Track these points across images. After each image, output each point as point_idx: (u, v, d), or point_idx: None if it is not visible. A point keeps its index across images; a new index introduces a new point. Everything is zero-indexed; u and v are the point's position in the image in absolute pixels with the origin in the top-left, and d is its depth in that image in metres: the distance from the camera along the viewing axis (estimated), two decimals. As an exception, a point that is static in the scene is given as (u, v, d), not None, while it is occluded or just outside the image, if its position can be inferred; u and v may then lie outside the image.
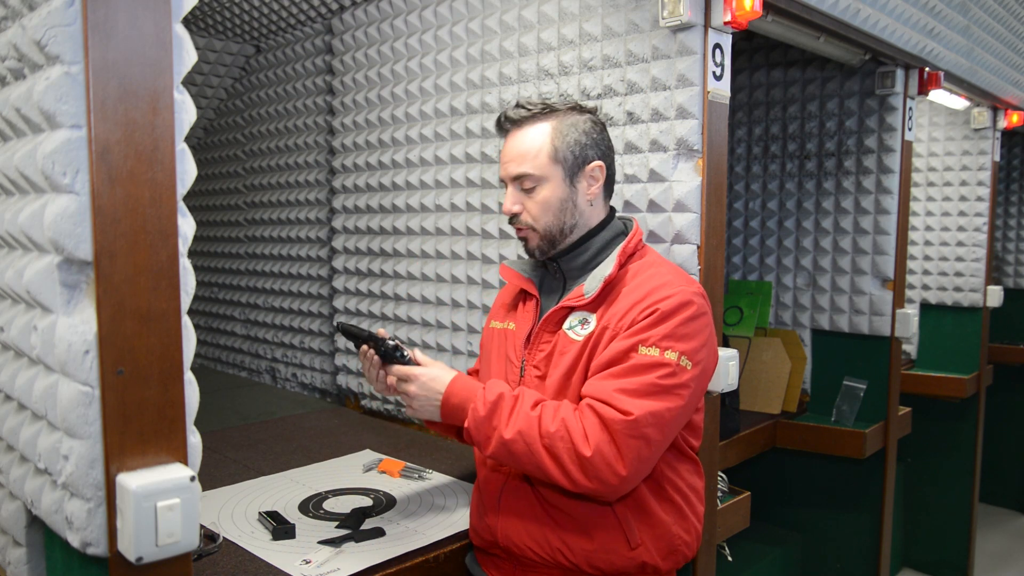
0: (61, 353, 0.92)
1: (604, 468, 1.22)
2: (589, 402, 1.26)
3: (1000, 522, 4.31)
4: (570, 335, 1.38)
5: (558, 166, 1.40)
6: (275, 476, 1.90)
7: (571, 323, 1.39)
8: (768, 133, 2.86)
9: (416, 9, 2.35)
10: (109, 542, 0.93)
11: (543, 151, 1.39)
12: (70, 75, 0.90)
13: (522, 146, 1.41)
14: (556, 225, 1.42)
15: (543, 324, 1.42)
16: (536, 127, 1.41)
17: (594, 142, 1.42)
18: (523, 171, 1.40)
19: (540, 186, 1.40)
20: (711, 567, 1.81)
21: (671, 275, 1.37)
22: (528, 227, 1.43)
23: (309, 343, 3.01)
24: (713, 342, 1.36)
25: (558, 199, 1.41)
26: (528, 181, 1.41)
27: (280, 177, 3.11)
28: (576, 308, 1.39)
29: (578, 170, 1.42)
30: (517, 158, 1.41)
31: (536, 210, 1.42)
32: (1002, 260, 4.49)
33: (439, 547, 1.50)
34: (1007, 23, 3.07)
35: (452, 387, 1.36)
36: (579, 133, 1.41)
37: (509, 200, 1.44)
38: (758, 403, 2.68)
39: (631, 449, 1.22)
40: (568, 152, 1.40)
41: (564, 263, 1.46)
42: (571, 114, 1.42)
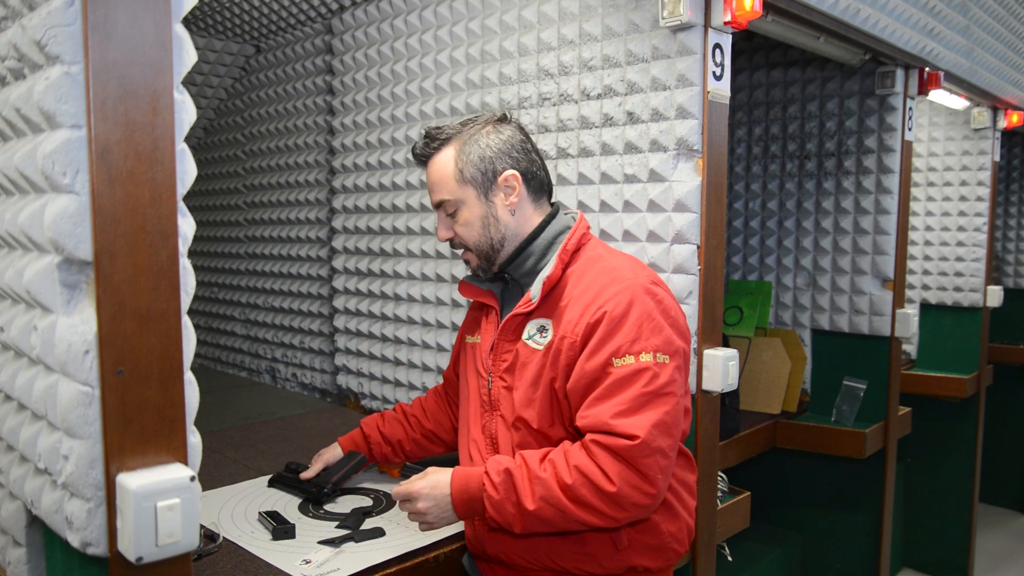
0: (61, 353, 0.92)
1: (635, 495, 1.22)
2: (593, 437, 1.25)
3: (1000, 522, 4.31)
4: (530, 344, 1.38)
5: (468, 186, 1.42)
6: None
7: (529, 332, 1.40)
8: (768, 133, 2.86)
9: (416, 9, 2.35)
10: (109, 542, 0.93)
11: (450, 176, 1.43)
12: (70, 75, 0.90)
13: (433, 175, 1.45)
14: (485, 242, 1.44)
15: (501, 334, 1.44)
16: (442, 154, 1.44)
17: (500, 152, 1.42)
18: (440, 198, 1.45)
19: (460, 209, 1.44)
20: (711, 567, 1.81)
21: (617, 269, 1.35)
22: (463, 248, 1.47)
23: (309, 343, 3.01)
24: (679, 322, 1.34)
25: (478, 217, 1.43)
26: (448, 207, 1.45)
27: (280, 177, 3.11)
28: (532, 315, 1.39)
29: (490, 184, 1.42)
30: (433, 187, 1.46)
31: (462, 232, 1.45)
32: (1002, 260, 4.49)
33: (439, 547, 1.50)
34: (1007, 23, 3.07)
35: (455, 485, 1.33)
36: (482, 148, 1.42)
37: (440, 228, 1.48)
38: (758, 403, 2.68)
39: (651, 467, 1.22)
40: (474, 170, 1.42)
41: (512, 272, 1.47)
42: (475, 130, 1.44)
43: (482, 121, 1.46)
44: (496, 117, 1.47)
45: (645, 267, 1.40)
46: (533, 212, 1.46)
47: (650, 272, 1.38)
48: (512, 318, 1.41)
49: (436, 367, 2.42)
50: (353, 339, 2.74)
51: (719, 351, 1.72)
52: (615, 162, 1.83)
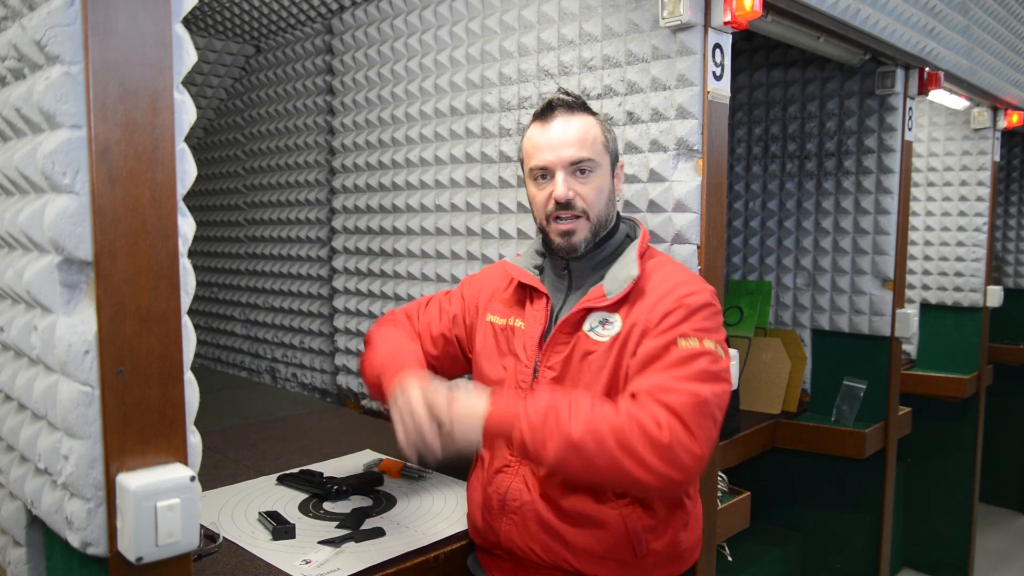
0: (61, 353, 0.92)
1: (682, 452, 1.18)
2: (649, 392, 1.23)
3: (1000, 522, 4.31)
4: (592, 336, 1.37)
5: (608, 156, 1.43)
6: (275, 476, 1.89)
7: (591, 324, 1.38)
8: (768, 133, 2.86)
9: (416, 9, 2.35)
10: (109, 542, 0.93)
11: (598, 139, 1.41)
12: (70, 75, 0.90)
13: (579, 132, 1.39)
14: (604, 215, 1.43)
15: (561, 326, 1.40)
16: (585, 117, 1.42)
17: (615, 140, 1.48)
18: (585, 155, 1.38)
19: (596, 173, 1.40)
20: (711, 567, 1.81)
21: (688, 274, 1.41)
22: (582, 214, 1.40)
23: (309, 343, 3.01)
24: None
25: (607, 190, 1.43)
26: (587, 165, 1.39)
27: (280, 177, 3.11)
28: (595, 309, 1.38)
29: (615, 165, 1.46)
30: (576, 142, 1.39)
31: (592, 196, 1.40)
32: (1002, 260, 4.49)
33: (439, 547, 1.50)
34: (1007, 23, 3.07)
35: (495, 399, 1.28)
36: (611, 130, 1.47)
37: (563, 186, 1.38)
38: (758, 403, 2.68)
39: (703, 429, 1.20)
40: (612, 145, 1.45)
41: (576, 263, 1.46)
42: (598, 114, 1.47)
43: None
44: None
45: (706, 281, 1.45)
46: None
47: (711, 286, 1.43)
48: (578, 312, 1.39)
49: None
50: (353, 339, 2.74)
51: (719, 351, 1.72)
52: (615, 162, 1.83)
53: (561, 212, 1.40)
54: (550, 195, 1.40)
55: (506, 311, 1.53)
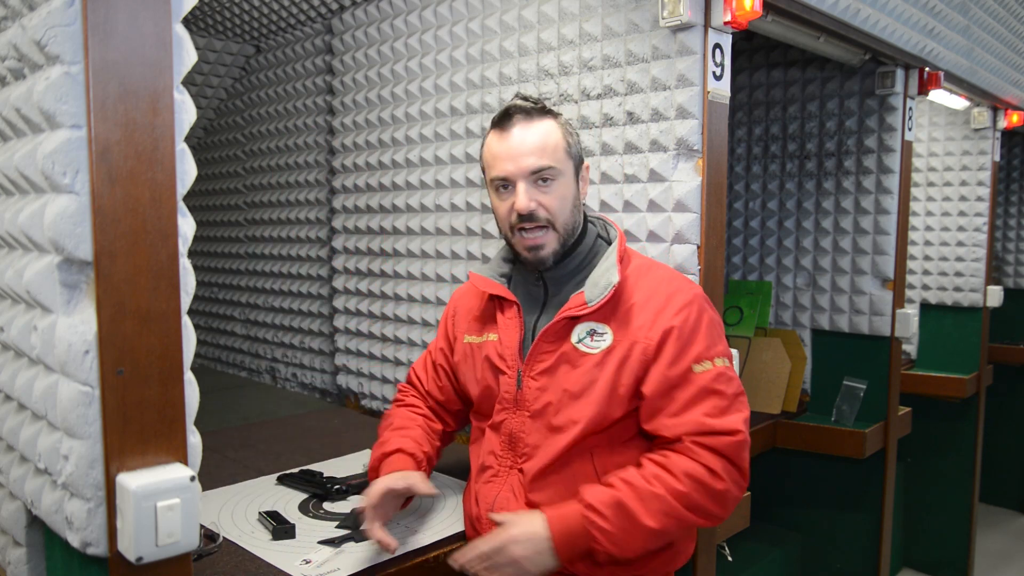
0: (61, 353, 0.92)
1: (735, 490, 1.26)
2: (694, 440, 1.26)
3: (1000, 522, 4.31)
4: (582, 348, 1.35)
5: (571, 162, 1.39)
6: (275, 476, 1.89)
7: (579, 335, 1.36)
8: (768, 133, 2.86)
9: (416, 9, 2.35)
10: (109, 542, 0.93)
11: (559, 145, 1.37)
12: (70, 75, 0.90)
13: (538, 139, 1.35)
14: (571, 222, 1.39)
15: (544, 335, 1.38)
16: (545, 122, 1.37)
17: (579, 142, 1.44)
18: (544, 163, 1.34)
19: (558, 180, 1.36)
20: (711, 567, 1.81)
21: (676, 278, 1.40)
22: (547, 225, 1.36)
23: (309, 343, 3.01)
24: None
25: (571, 196, 1.39)
26: (549, 173, 1.35)
27: (280, 177, 3.11)
28: (580, 319, 1.36)
29: (579, 169, 1.42)
30: (536, 151, 1.34)
31: (555, 205, 1.36)
32: (1002, 260, 4.49)
33: (439, 547, 1.50)
34: (1007, 23, 3.07)
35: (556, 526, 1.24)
36: (575, 132, 1.43)
37: (526, 197, 1.34)
38: (758, 403, 2.68)
39: (745, 461, 1.27)
40: (574, 149, 1.40)
41: (548, 272, 1.43)
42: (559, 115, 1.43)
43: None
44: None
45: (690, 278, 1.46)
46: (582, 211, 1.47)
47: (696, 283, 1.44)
48: (561, 321, 1.37)
49: (436, 367, 2.42)
50: (353, 339, 2.74)
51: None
52: (615, 162, 1.83)
53: (525, 223, 1.36)
54: (512, 206, 1.36)
55: (479, 327, 1.51)
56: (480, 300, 1.54)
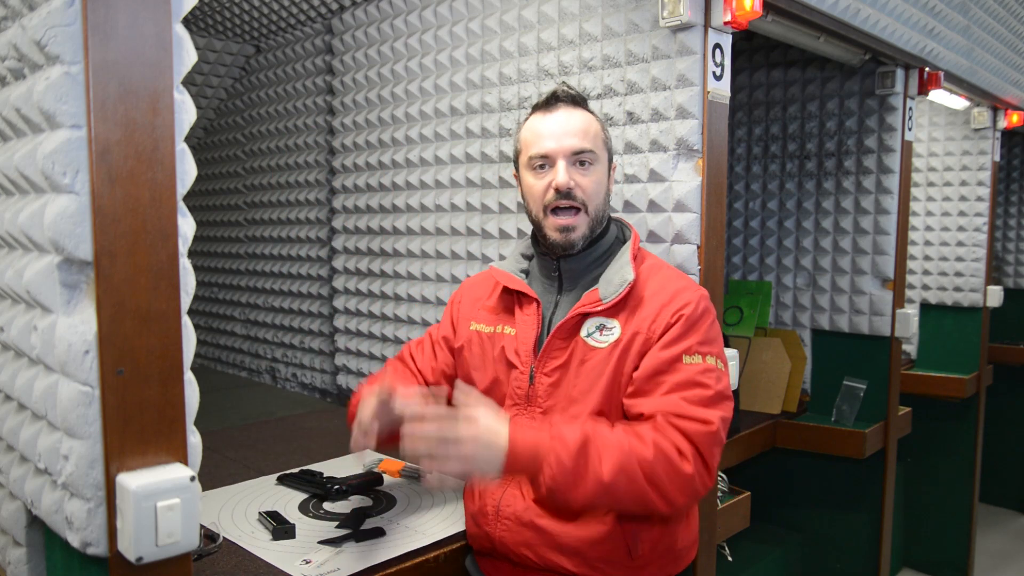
0: (61, 353, 0.92)
1: (699, 483, 1.22)
2: (667, 418, 1.23)
3: (1000, 522, 4.31)
4: (590, 342, 1.36)
5: (606, 153, 1.43)
6: (275, 476, 1.90)
7: (588, 330, 1.37)
8: (768, 133, 2.86)
9: (416, 9, 2.35)
10: (109, 542, 0.93)
11: (599, 134, 1.42)
12: (70, 75, 0.90)
13: (580, 123, 1.39)
14: (601, 208, 1.42)
15: (557, 332, 1.39)
16: (586, 113, 1.43)
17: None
18: (587, 146, 1.38)
19: (596, 166, 1.40)
20: (711, 567, 1.81)
21: (683, 279, 1.41)
22: (581, 206, 1.38)
23: (309, 343, 3.01)
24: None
25: (604, 184, 1.43)
26: (588, 157, 1.38)
27: (280, 177, 3.11)
28: (592, 314, 1.37)
29: (610, 162, 1.46)
30: (580, 133, 1.38)
31: (591, 188, 1.38)
32: (1002, 260, 4.49)
33: (439, 547, 1.50)
34: (1007, 23, 3.07)
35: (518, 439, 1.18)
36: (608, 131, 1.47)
37: (564, 174, 1.36)
38: (758, 403, 2.68)
39: (714, 457, 1.24)
40: (610, 144, 1.46)
41: (567, 264, 1.44)
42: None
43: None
44: None
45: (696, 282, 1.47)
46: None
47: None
48: (572, 317, 1.38)
49: (436, 367, 2.42)
50: (353, 339, 2.74)
51: (719, 351, 1.72)
52: (615, 162, 1.83)
53: (560, 202, 1.37)
54: (549, 184, 1.37)
55: (492, 318, 1.51)
56: (494, 292, 1.54)
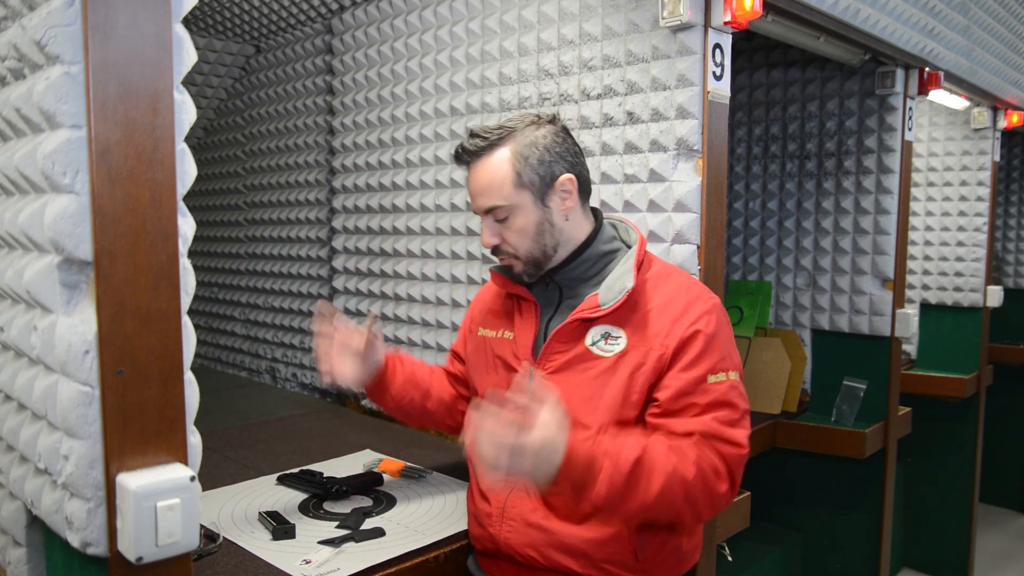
0: (61, 353, 0.92)
1: (727, 501, 1.27)
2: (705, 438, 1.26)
3: (1000, 522, 4.31)
4: (595, 351, 1.35)
5: (525, 191, 1.35)
6: (275, 476, 1.89)
7: (593, 338, 1.36)
8: (768, 133, 2.86)
9: (416, 9, 2.35)
10: (109, 542, 0.93)
11: (507, 180, 1.35)
12: (70, 75, 0.90)
13: (485, 178, 1.36)
14: (538, 249, 1.39)
15: (556, 335, 1.39)
16: (496, 155, 1.35)
17: (558, 155, 1.37)
18: (492, 204, 1.36)
19: (513, 215, 1.36)
20: (711, 567, 1.81)
21: (695, 286, 1.40)
22: (510, 255, 1.41)
23: (309, 343, 3.01)
24: None
25: (534, 224, 1.37)
26: (499, 212, 1.37)
27: (280, 177, 3.11)
28: (595, 321, 1.36)
29: (547, 189, 1.37)
30: (484, 191, 1.37)
31: (514, 239, 1.38)
32: (1002, 260, 4.49)
33: (439, 547, 1.50)
34: (1007, 23, 3.07)
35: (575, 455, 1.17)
36: (541, 151, 1.35)
37: (487, 233, 1.40)
38: (758, 403, 2.68)
39: (739, 477, 1.28)
40: (533, 175, 1.35)
41: (559, 277, 1.44)
42: (529, 131, 1.37)
43: (530, 121, 1.39)
44: (548, 118, 1.41)
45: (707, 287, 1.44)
46: (583, 218, 1.43)
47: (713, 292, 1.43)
48: (574, 322, 1.37)
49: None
50: (353, 339, 2.74)
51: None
52: (615, 162, 1.83)
53: (495, 252, 1.44)
54: None
55: (496, 323, 1.53)
56: (499, 296, 1.56)
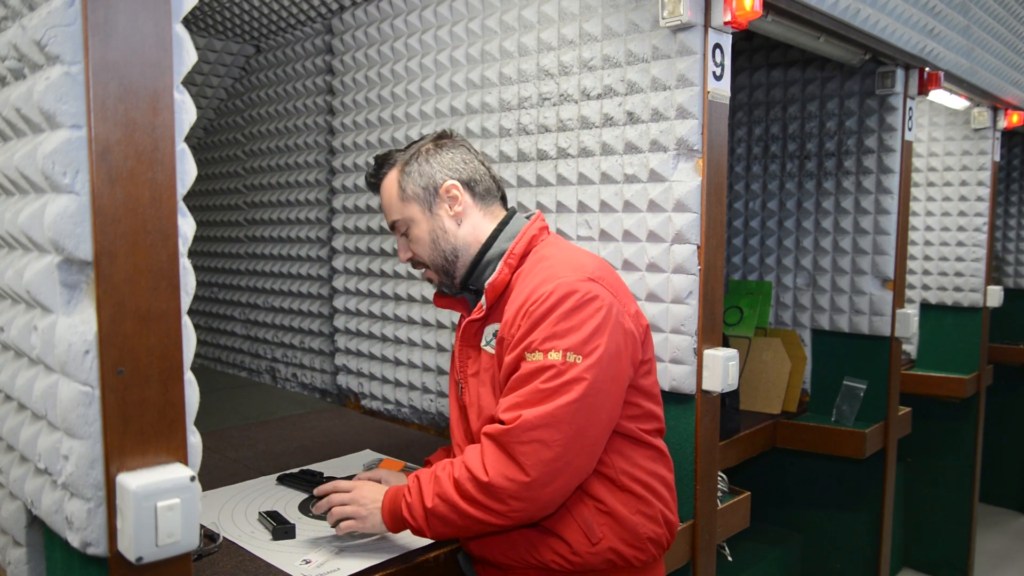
0: (61, 353, 0.92)
1: (506, 483, 1.23)
2: (484, 429, 1.30)
3: (1000, 522, 4.31)
4: (487, 350, 1.43)
5: (412, 203, 1.48)
6: (275, 476, 1.90)
7: (487, 338, 1.44)
8: (768, 133, 2.86)
9: (416, 9, 2.35)
10: (109, 542, 0.93)
11: (394, 196, 1.49)
12: (70, 75, 0.90)
13: (383, 199, 1.52)
14: (438, 256, 1.48)
15: (462, 339, 1.48)
16: (388, 177, 1.51)
17: (439, 166, 1.48)
18: (391, 220, 1.51)
19: (410, 227, 1.49)
20: (711, 567, 1.81)
21: (555, 267, 1.34)
22: (423, 267, 1.52)
23: (309, 343, 3.01)
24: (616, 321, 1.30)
25: (426, 232, 1.48)
26: (399, 226, 1.51)
27: (280, 177, 3.11)
28: (487, 321, 1.43)
29: (432, 198, 1.47)
30: (384, 210, 1.53)
31: (418, 249, 1.50)
32: (1002, 260, 4.49)
33: (439, 547, 1.50)
34: (1007, 23, 3.07)
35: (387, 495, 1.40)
36: (420, 164, 1.48)
37: (399, 249, 1.54)
38: (758, 403, 2.68)
39: (526, 455, 1.22)
40: (415, 187, 1.47)
41: (474, 284, 1.49)
42: (414, 149, 1.50)
43: (425, 140, 1.52)
44: (437, 135, 1.53)
45: (590, 264, 1.36)
46: (483, 219, 1.49)
47: (595, 268, 1.34)
48: (469, 324, 1.46)
49: (436, 367, 2.42)
50: (353, 339, 2.74)
51: (719, 351, 1.72)
52: (615, 162, 1.83)
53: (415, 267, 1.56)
54: None
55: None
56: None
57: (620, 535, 1.34)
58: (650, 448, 1.40)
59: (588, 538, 1.32)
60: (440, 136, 1.53)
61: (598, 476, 1.33)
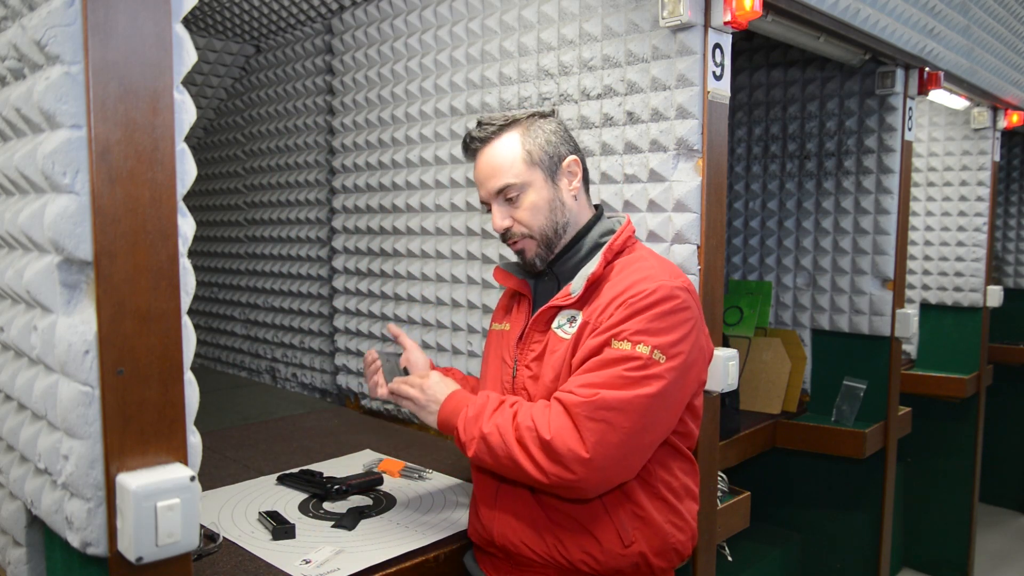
0: (61, 353, 0.92)
1: (566, 452, 1.23)
2: (556, 394, 1.29)
3: (1000, 522, 4.31)
4: (559, 334, 1.39)
5: (536, 168, 1.41)
6: (275, 476, 1.90)
7: (559, 322, 1.41)
8: (768, 133, 2.86)
9: (416, 9, 2.35)
10: (109, 542, 0.93)
11: (518, 158, 1.41)
12: (70, 75, 0.90)
13: (495, 160, 1.42)
14: (550, 226, 1.42)
15: (533, 324, 1.44)
16: (504, 139, 1.42)
17: (563, 139, 1.44)
18: (504, 183, 1.41)
19: (524, 193, 1.41)
20: (711, 567, 1.81)
21: (655, 269, 1.36)
22: (523, 236, 1.43)
23: (309, 343, 3.01)
24: (698, 336, 1.34)
25: (546, 201, 1.42)
26: (511, 191, 1.41)
27: (280, 177, 3.11)
28: (564, 307, 1.40)
29: (556, 168, 1.43)
30: (495, 173, 1.42)
31: (526, 217, 1.42)
32: (1002, 260, 4.49)
33: (439, 547, 1.50)
34: (1007, 23, 3.07)
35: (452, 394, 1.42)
36: (547, 133, 1.43)
37: (497, 216, 1.43)
38: (758, 403, 2.68)
39: (592, 432, 1.22)
40: (542, 153, 1.41)
41: (557, 267, 1.47)
42: (534, 120, 1.44)
43: (532, 113, 1.45)
44: (548, 111, 1.48)
45: (681, 274, 1.40)
46: (586, 204, 1.49)
47: (686, 280, 1.38)
48: (547, 309, 1.41)
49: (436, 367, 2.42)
50: (353, 339, 2.74)
51: (719, 351, 1.72)
52: (615, 162, 1.83)
53: (507, 237, 1.46)
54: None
55: (502, 317, 1.58)
56: (507, 294, 1.61)
57: (650, 541, 1.34)
58: (687, 461, 1.43)
59: (621, 540, 1.33)
60: (550, 114, 1.47)
61: (640, 481, 1.34)
